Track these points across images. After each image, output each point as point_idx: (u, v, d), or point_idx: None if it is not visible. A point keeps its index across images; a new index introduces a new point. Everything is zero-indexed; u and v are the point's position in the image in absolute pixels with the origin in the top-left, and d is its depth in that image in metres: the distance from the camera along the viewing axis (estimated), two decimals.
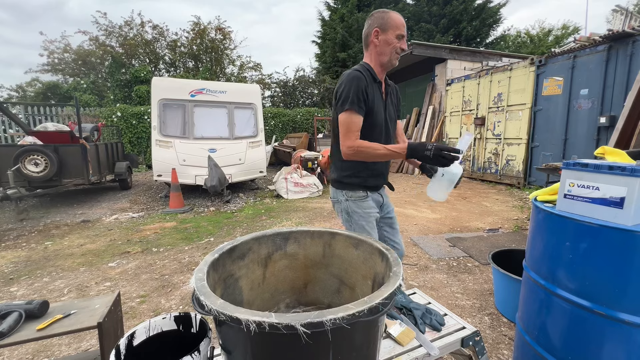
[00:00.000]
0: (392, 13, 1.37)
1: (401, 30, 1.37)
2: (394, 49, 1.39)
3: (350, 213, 1.50)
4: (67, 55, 15.73)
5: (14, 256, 3.34)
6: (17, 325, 1.16)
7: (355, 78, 1.34)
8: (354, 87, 1.32)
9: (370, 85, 1.38)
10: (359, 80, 1.33)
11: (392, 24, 1.36)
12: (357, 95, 1.32)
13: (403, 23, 1.38)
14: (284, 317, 0.61)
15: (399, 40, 1.38)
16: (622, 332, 1.01)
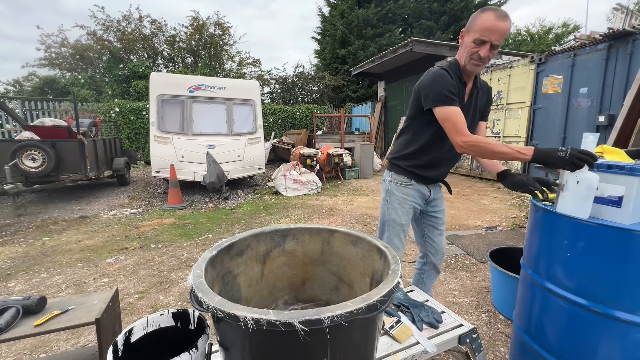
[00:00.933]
0: (485, 13, 1.21)
1: (481, 34, 1.20)
2: (470, 54, 1.26)
3: (389, 193, 1.57)
4: (64, 49, 15.57)
5: (11, 252, 3.34)
6: (14, 321, 1.16)
7: (441, 75, 1.29)
8: (443, 83, 1.27)
9: (456, 84, 1.32)
10: (445, 79, 1.28)
11: (474, 25, 1.23)
12: (448, 89, 1.27)
13: (489, 26, 1.19)
14: (282, 315, 0.60)
15: (477, 45, 1.23)
16: (618, 330, 1.01)
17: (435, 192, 1.61)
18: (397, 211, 1.53)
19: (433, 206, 1.63)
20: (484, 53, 1.23)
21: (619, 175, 1.01)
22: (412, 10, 15.97)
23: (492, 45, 1.22)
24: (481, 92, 1.45)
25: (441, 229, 1.67)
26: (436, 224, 1.65)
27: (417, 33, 15.14)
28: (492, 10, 1.20)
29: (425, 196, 1.57)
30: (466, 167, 7.88)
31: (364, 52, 15.20)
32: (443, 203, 1.68)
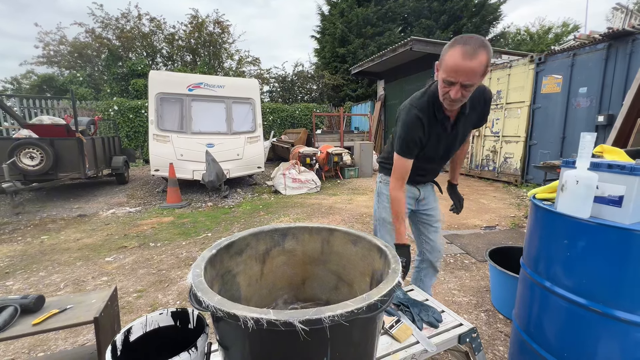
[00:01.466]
0: (452, 50, 1.08)
1: (448, 75, 1.10)
2: (442, 93, 1.19)
3: (379, 194, 1.66)
4: (62, 47, 15.50)
5: (9, 250, 3.32)
6: (12, 319, 1.16)
7: (412, 126, 1.29)
8: (409, 136, 1.29)
9: (429, 126, 1.30)
10: (414, 130, 1.29)
11: (443, 62, 1.13)
12: (409, 145, 1.31)
13: (454, 67, 1.07)
14: (282, 314, 0.60)
15: (447, 85, 1.14)
16: (618, 329, 1.01)
17: (425, 192, 1.64)
18: (388, 210, 1.57)
19: (424, 205, 1.66)
20: (454, 95, 1.13)
21: (619, 175, 1.01)
22: (412, 9, 15.96)
23: (463, 85, 1.11)
24: (471, 110, 1.35)
25: (436, 226, 1.69)
26: (429, 221, 1.68)
27: (416, 32, 15.13)
28: (461, 45, 1.06)
29: (415, 195, 1.60)
30: (465, 166, 7.89)
31: (364, 51, 15.18)
32: (435, 201, 1.70)
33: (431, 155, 1.43)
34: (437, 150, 1.42)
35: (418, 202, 1.64)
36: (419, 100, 1.31)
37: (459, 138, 1.43)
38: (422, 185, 1.61)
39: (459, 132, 1.40)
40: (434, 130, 1.33)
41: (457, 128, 1.37)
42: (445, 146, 1.42)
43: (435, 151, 1.42)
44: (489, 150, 7.16)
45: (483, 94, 1.37)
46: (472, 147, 7.65)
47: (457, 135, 1.41)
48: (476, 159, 7.55)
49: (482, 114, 1.42)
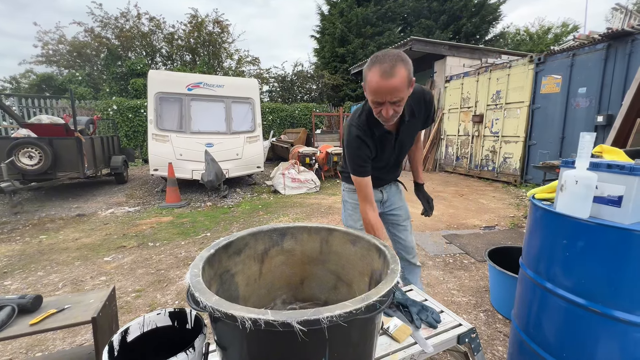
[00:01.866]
0: (370, 72, 1.07)
1: (374, 97, 1.10)
2: (375, 112, 1.18)
3: (344, 201, 1.69)
4: (61, 46, 15.47)
5: (8, 250, 3.31)
6: (9, 319, 1.15)
7: (356, 147, 1.31)
8: (357, 156, 1.31)
9: (373, 142, 1.33)
10: (359, 150, 1.31)
11: (366, 85, 1.11)
12: (359, 164, 1.32)
13: (375, 89, 1.07)
14: (280, 315, 0.60)
15: (377, 106, 1.13)
16: (617, 329, 1.01)
17: (389, 193, 1.64)
18: (352, 217, 1.62)
19: (389, 206, 1.66)
20: (386, 113, 1.12)
21: (618, 175, 1.01)
22: (412, 9, 15.96)
23: (392, 103, 1.10)
24: (412, 117, 1.35)
25: (404, 225, 1.70)
26: (397, 221, 1.68)
27: (416, 32, 15.14)
28: (378, 65, 1.05)
29: (378, 198, 1.59)
30: (465, 166, 7.90)
31: (363, 50, 15.18)
32: (401, 200, 1.69)
33: (382, 165, 1.46)
34: (387, 160, 1.45)
35: (382, 204, 1.65)
36: (358, 119, 1.31)
37: (407, 143, 1.47)
38: (384, 187, 1.62)
39: (404, 139, 1.42)
40: (379, 144, 1.35)
41: (402, 136, 1.39)
42: (395, 154, 1.45)
43: (386, 160, 1.45)
44: (489, 150, 7.16)
45: (422, 96, 1.37)
46: (471, 147, 7.65)
47: (404, 142, 1.44)
48: (475, 159, 7.56)
49: (426, 116, 1.43)
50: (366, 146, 1.30)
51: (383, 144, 1.37)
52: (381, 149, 1.38)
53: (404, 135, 1.40)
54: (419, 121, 1.42)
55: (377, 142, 1.34)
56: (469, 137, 7.70)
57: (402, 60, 1.06)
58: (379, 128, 1.30)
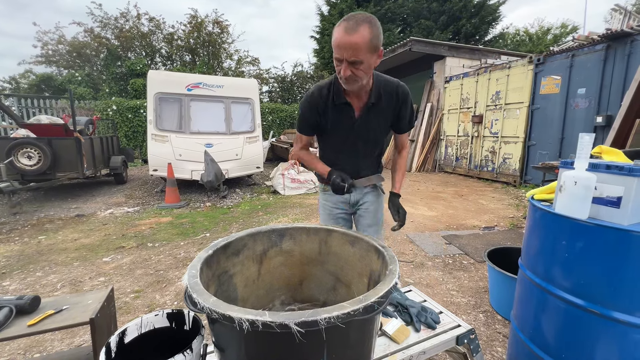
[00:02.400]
0: (337, 27, 1.07)
1: (335, 52, 1.09)
2: (336, 72, 1.16)
3: (319, 203, 1.65)
4: (61, 46, 15.48)
5: (6, 250, 3.31)
6: (7, 320, 1.15)
7: (304, 104, 1.32)
8: (300, 114, 1.35)
9: (326, 107, 1.29)
10: (305, 108, 1.32)
11: (333, 40, 1.10)
12: (301, 123, 1.38)
13: (337, 42, 1.06)
14: (277, 316, 0.59)
15: (338, 63, 1.12)
16: (616, 330, 1.01)
17: (361, 196, 1.51)
18: (322, 217, 1.60)
19: (359, 207, 1.55)
20: (343, 72, 1.10)
21: (617, 176, 1.01)
22: (411, 10, 15.97)
23: (351, 63, 1.07)
24: (385, 103, 1.31)
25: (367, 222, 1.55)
26: (362, 217, 1.55)
27: (416, 32, 15.15)
28: (344, 21, 1.05)
29: (346, 200, 1.52)
30: (464, 166, 7.90)
31: None
32: (372, 205, 1.54)
33: (336, 144, 1.41)
34: (342, 140, 1.38)
35: (353, 206, 1.55)
36: (322, 82, 1.32)
37: (372, 132, 1.36)
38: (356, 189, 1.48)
39: (368, 124, 1.33)
40: (334, 114, 1.30)
41: (364, 119, 1.32)
42: (353, 136, 1.35)
43: (343, 140, 1.38)
44: (488, 151, 7.17)
45: (396, 89, 1.31)
46: (471, 147, 7.66)
47: (368, 128, 1.34)
48: (475, 160, 7.56)
49: (398, 112, 1.35)
50: (315, 107, 1.29)
51: (340, 116, 1.31)
52: (337, 120, 1.32)
53: (368, 119, 1.32)
54: (387, 113, 1.34)
55: (332, 111, 1.30)
56: (469, 137, 7.70)
57: (369, 22, 1.05)
58: (340, 97, 1.27)
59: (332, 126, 1.34)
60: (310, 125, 1.36)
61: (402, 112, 1.36)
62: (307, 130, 1.39)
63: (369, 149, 1.43)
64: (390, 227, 1.43)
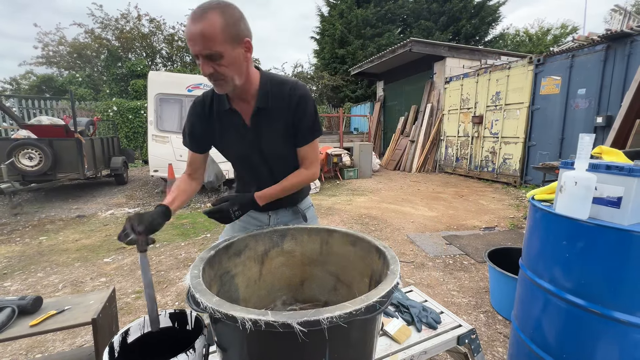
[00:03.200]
0: (190, 17, 0.87)
1: (191, 47, 0.88)
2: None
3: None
4: (62, 47, 15.50)
5: (7, 251, 3.31)
6: (9, 321, 1.15)
7: (189, 111, 1.14)
8: (187, 120, 1.15)
9: (210, 117, 1.10)
10: (190, 115, 1.13)
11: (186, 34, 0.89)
12: (185, 129, 1.15)
13: (187, 34, 0.87)
14: (280, 316, 0.60)
15: (198, 62, 0.91)
16: (616, 330, 1.01)
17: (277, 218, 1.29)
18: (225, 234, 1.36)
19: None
20: (203, 70, 0.92)
21: (617, 176, 1.01)
22: (411, 11, 16.00)
23: (206, 57, 0.88)
24: (275, 107, 1.07)
25: None
26: None
27: (415, 33, 15.17)
28: (193, 12, 0.87)
29: (263, 223, 1.27)
30: (464, 167, 7.90)
31: (363, 52, 15.21)
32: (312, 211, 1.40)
33: (234, 160, 1.20)
34: (238, 155, 1.17)
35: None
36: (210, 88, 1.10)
37: (266, 142, 1.12)
38: (273, 211, 1.26)
39: (261, 133, 1.10)
40: (221, 124, 1.10)
41: (258, 128, 1.09)
42: (247, 150, 1.13)
43: (238, 156, 1.17)
44: (488, 151, 7.17)
45: (290, 89, 1.07)
46: (471, 148, 7.66)
47: (261, 138, 1.11)
48: (475, 160, 7.57)
49: (293, 119, 1.09)
50: (197, 116, 1.12)
51: (228, 126, 1.11)
52: (223, 131, 1.11)
53: (259, 128, 1.09)
54: (281, 119, 1.09)
55: (219, 120, 1.10)
56: (469, 138, 7.71)
57: (219, 7, 0.87)
58: (223, 102, 1.07)
59: (222, 139, 1.13)
60: (195, 137, 1.13)
61: (297, 119, 1.09)
62: (192, 144, 1.15)
63: (272, 164, 1.16)
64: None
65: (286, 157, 1.16)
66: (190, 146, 1.16)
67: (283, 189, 1.16)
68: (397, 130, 10.03)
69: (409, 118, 9.72)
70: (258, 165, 1.17)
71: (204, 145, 1.16)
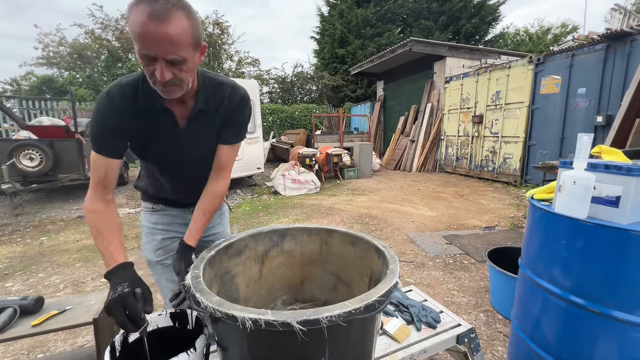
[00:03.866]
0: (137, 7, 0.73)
1: (141, 46, 0.75)
2: (148, 75, 0.81)
3: (140, 225, 1.24)
4: (62, 48, 15.50)
5: (9, 251, 3.32)
6: (11, 321, 1.16)
7: (100, 109, 0.90)
8: (99, 119, 0.90)
9: (133, 115, 0.91)
10: (102, 115, 0.90)
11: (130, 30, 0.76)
12: (96, 137, 0.90)
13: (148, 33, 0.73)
14: (280, 315, 0.60)
15: (147, 62, 0.78)
16: (615, 329, 1.02)
17: None
18: (147, 246, 1.20)
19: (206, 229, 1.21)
20: (161, 76, 0.78)
21: (616, 176, 1.01)
22: (411, 10, 15.99)
23: (170, 62, 0.78)
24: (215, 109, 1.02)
25: None
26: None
27: (415, 33, 15.17)
28: (145, 3, 0.72)
29: (187, 221, 1.13)
30: (464, 167, 7.90)
31: (363, 51, 15.22)
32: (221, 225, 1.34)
33: (157, 165, 1.07)
34: (165, 160, 1.05)
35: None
36: (131, 76, 0.93)
37: (201, 146, 1.06)
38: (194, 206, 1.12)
39: (198, 136, 1.03)
40: (148, 124, 0.95)
41: (195, 130, 1.02)
42: (178, 154, 1.04)
43: (164, 161, 1.05)
44: (488, 151, 7.17)
45: (231, 91, 1.03)
46: (471, 147, 7.66)
47: (197, 142, 1.04)
48: (475, 160, 7.56)
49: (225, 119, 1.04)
50: (117, 114, 0.90)
51: (157, 127, 0.97)
52: (154, 133, 0.97)
53: (196, 130, 1.02)
54: (216, 120, 1.03)
55: (145, 119, 0.94)
56: (469, 137, 7.71)
57: (183, 8, 0.77)
58: (153, 100, 0.91)
59: (145, 138, 0.97)
60: (111, 139, 0.91)
61: (232, 119, 1.05)
62: (107, 148, 0.92)
63: (195, 168, 1.10)
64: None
65: (209, 160, 1.10)
66: (108, 151, 0.91)
67: (208, 219, 1.09)
68: (397, 130, 10.03)
69: (409, 118, 9.72)
70: (181, 169, 1.08)
71: (123, 147, 0.94)
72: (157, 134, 0.98)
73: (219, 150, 1.08)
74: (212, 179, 1.10)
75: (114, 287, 0.79)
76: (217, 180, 1.10)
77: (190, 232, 1.04)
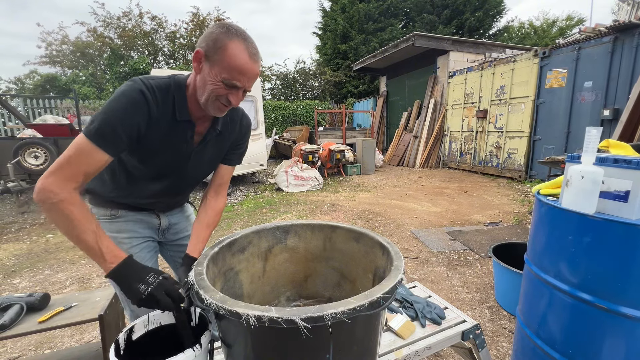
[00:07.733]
0: (235, 44, 0.82)
1: (233, 76, 0.83)
2: (215, 95, 0.86)
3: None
4: (65, 46, 15.55)
5: (15, 249, 3.36)
6: (18, 317, 1.17)
7: (124, 100, 0.83)
8: (110, 115, 0.81)
9: (159, 121, 0.90)
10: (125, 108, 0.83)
11: (222, 58, 0.82)
12: (114, 125, 0.81)
13: (242, 68, 0.83)
14: (284, 312, 0.60)
15: (227, 88, 0.85)
16: (623, 326, 1.00)
17: (172, 218, 1.22)
18: None
19: (174, 234, 1.24)
20: (236, 100, 0.89)
21: (625, 170, 0.99)
22: (414, 4, 15.82)
23: (245, 91, 0.92)
24: (229, 132, 1.08)
25: None
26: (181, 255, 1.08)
27: (418, 27, 15.02)
28: (244, 42, 0.83)
29: (154, 225, 1.16)
30: (468, 162, 7.85)
31: (366, 47, 15.10)
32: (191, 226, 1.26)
33: (161, 168, 1.01)
34: (173, 164, 1.02)
35: (163, 232, 1.21)
36: (159, 80, 0.92)
37: (205, 164, 1.09)
38: (163, 212, 1.17)
39: (205, 155, 1.06)
40: (167, 133, 0.93)
41: (204, 149, 1.04)
42: (183, 168, 1.04)
43: (166, 170, 1.03)
44: (493, 146, 7.11)
45: (241, 118, 1.12)
46: (475, 142, 7.59)
47: (203, 160, 1.07)
48: (480, 155, 7.51)
49: (235, 143, 1.12)
50: (144, 111, 0.86)
51: (174, 137, 0.96)
52: (168, 143, 0.95)
53: (205, 149, 1.05)
54: (227, 142, 1.10)
55: (166, 128, 0.93)
56: (473, 132, 7.64)
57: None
58: (184, 112, 0.93)
59: (153, 146, 0.94)
60: (121, 137, 0.83)
61: (238, 144, 1.14)
62: (114, 146, 0.83)
63: (194, 183, 1.17)
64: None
65: (206, 176, 1.16)
66: (114, 149, 0.84)
67: (211, 232, 1.10)
68: (400, 126, 9.97)
69: (412, 113, 9.66)
70: (178, 180, 1.08)
71: (124, 148, 0.88)
72: (171, 144, 0.97)
73: (221, 169, 1.15)
74: (212, 196, 1.14)
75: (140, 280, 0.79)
76: (216, 198, 1.14)
77: (193, 245, 1.03)
